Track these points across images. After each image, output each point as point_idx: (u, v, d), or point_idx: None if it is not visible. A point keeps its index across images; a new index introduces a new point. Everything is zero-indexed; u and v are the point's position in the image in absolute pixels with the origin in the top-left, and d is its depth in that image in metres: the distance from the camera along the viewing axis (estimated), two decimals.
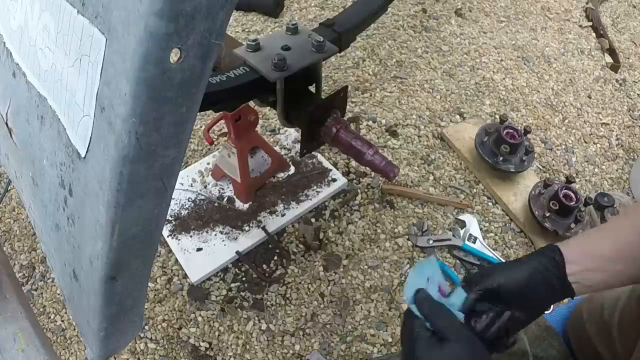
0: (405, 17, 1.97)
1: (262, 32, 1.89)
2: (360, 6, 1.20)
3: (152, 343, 1.16)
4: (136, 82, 0.36)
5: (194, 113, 0.42)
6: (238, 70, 0.93)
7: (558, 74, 1.82)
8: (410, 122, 1.61)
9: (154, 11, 0.33)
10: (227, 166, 1.31)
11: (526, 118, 1.67)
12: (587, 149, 1.61)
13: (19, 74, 0.56)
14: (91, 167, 0.44)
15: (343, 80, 1.72)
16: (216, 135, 1.54)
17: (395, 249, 1.33)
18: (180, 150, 0.43)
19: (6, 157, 0.69)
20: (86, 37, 0.41)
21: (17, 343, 0.66)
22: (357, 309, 1.22)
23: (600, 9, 2.10)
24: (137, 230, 0.46)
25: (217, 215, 1.33)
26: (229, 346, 1.16)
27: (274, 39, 0.98)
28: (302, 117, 0.97)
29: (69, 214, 0.52)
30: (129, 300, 0.54)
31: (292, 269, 1.27)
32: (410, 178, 1.47)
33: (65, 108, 0.47)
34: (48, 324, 1.20)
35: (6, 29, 0.58)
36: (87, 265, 0.51)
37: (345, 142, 0.97)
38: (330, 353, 1.16)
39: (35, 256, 1.32)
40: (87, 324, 0.57)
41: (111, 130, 0.40)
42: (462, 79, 1.76)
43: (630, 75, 1.86)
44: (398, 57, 1.81)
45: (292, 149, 1.50)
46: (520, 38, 1.94)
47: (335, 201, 1.40)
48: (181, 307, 1.21)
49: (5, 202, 1.42)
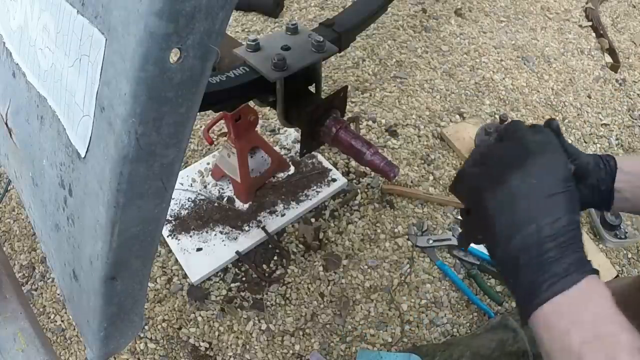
0: (405, 17, 1.97)
1: (262, 32, 1.89)
2: (360, 6, 1.19)
3: (152, 343, 1.16)
4: (136, 82, 0.36)
5: (194, 113, 0.42)
6: (238, 70, 0.93)
7: (558, 74, 1.82)
8: (410, 122, 1.61)
9: (154, 11, 0.33)
10: (227, 166, 1.31)
11: (526, 118, 1.67)
12: (587, 149, 1.61)
13: (19, 74, 0.56)
14: (91, 167, 0.44)
15: (343, 80, 1.72)
16: (216, 135, 1.54)
17: (395, 249, 1.33)
18: (180, 150, 0.43)
19: (6, 157, 0.69)
20: (86, 37, 0.41)
21: (17, 343, 0.66)
22: (357, 309, 1.22)
23: (600, 9, 2.10)
24: (137, 230, 0.46)
25: (217, 215, 1.33)
26: (228, 346, 1.16)
27: (274, 39, 0.98)
28: (302, 117, 0.97)
29: (68, 214, 0.52)
30: (128, 300, 0.54)
31: (292, 269, 1.27)
32: (410, 178, 1.47)
33: (65, 108, 0.47)
34: (48, 324, 1.20)
35: (6, 29, 0.58)
36: (87, 265, 0.51)
37: (345, 142, 0.97)
38: (330, 353, 1.16)
39: (35, 256, 1.32)
40: (87, 324, 0.57)
41: (111, 130, 0.40)
42: (462, 78, 1.76)
43: (630, 75, 1.86)
44: (398, 57, 1.81)
45: (292, 149, 1.50)
46: (520, 38, 1.94)
47: (335, 201, 1.40)
48: (181, 307, 1.21)
49: (5, 202, 1.42)
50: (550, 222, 0.49)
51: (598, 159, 0.66)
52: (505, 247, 0.51)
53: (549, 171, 0.52)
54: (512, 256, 0.51)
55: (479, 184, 0.55)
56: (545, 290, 0.48)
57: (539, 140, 0.56)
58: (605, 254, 1.35)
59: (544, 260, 0.49)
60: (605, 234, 1.37)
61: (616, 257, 1.37)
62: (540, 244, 0.49)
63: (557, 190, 0.51)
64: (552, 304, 0.48)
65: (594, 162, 0.65)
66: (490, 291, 1.24)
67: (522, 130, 0.58)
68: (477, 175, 0.57)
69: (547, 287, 0.48)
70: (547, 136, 0.57)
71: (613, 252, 1.38)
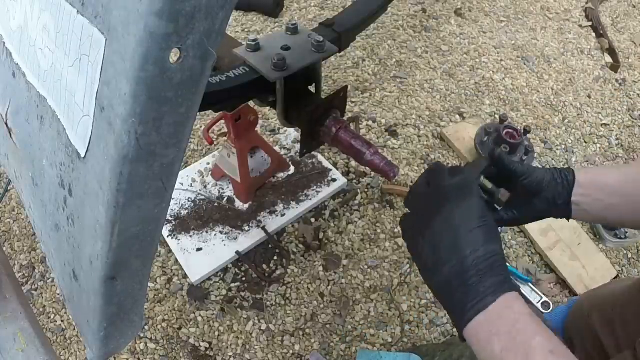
0: (405, 17, 1.97)
1: (262, 32, 1.89)
2: (360, 6, 1.19)
3: (152, 343, 1.16)
4: (136, 82, 0.36)
5: (194, 113, 0.42)
6: (238, 70, 0.93)
7: (558, 74, 1.82)
8: (410, 122, 1.61)
9: (154, 11, 0.33)
10: (227, 166, 1.31)
11: (526, 118, 1.67)
12: (587, 149, 1.61)
13: (19, 74, 0.56)
14: (91, 167, 0.44)
15: (343, 80, 1.72)
16: (216, 135, 1.54)
17: (395, 249, 1.33)
18: (180, 150, 0.43)
19: (6, 157, 0.68)
20: (86, 37, 0.41)
21: (17, 343, 0.66)
22: (357, 309, 1.22)
23: (600, 9, 2.10)
24: (137, 230, 0.46)
25: (217, 215, 1.33)
26: (228, 346, 1.16)
27: (274, 39, 0.98)
28: (302, 117, 0.97)
29: (68, 214, 0.52)
30: (128, 300, 0.54)
31: (292, 269, 1.27)
32: (410, 178, 1.46)
33: (65, 108, 0.47)
34: (48, 324, 1.20)
35: (6, 29, 0.58)
36: (87, 265, 0.51)
37: (345, 142, 0.97)
38: (330, 353, 1.16)
39: (35, 256, 1.32)
40: (87, 324, 0.57)
41: (111, 130, 0.40)
42: (462, 78, 1.76)
43: (630, 75, 1.86)
44: (398, 57, 1.81)
45: (292, 149, 1.50)
46: (520, 38, 1.94)
47: (335, 201, 1.40)
48: (181, 307, 1.21)
49: (5, 202, 1.42)
50: (469, 253, 0.58)
51: (557, 174, 0.72)
52: (438, 277, 0.61)
53: (465, 211, 0.61)
54: (444, 283, 0.60)
55: (413, 231, 0.67)
56: (470, 309, 0.57)
57: (455, 184, 0.65)
58: (605, 254, 1.35)
59: (469, 285, 0.57)
60: (605, 234, 1.37)
61: (616, 257, 1.37)
62: (465, 271, 0.58)
63: (474, 226, 0.60)
64: (477, 320, 0.56)
65: (550, 177, 0.72)
66: None
67: (442, 175, 0.67)
68: (410, 222, 0.68)
69: (471, 306, 0.57)
70: (463, 179, 0.65)
71: (613, 252, 1.38)
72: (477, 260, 0.58)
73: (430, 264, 0.62)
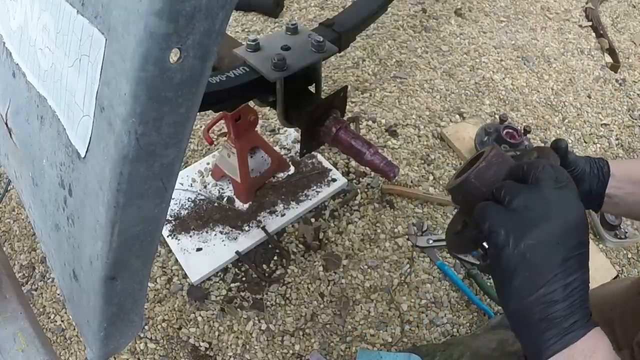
0: (405, 17, 1.97)
1: (262, 32, 1.89)
2: (360, 6, 1.19)
3: (152, 343, 1.16)
4: (136, 82, 0.36)
5: (194, 113, 0.42)
6: (238, 70, 0.93)
7: (558, 74, 1.82)
8: (410, 122, 1.61)
9: (154, 11, 0.33)
10: (227, 166, 1.31)
11: (526, 118, 1.67)
12: (587, 149, 1.61)
13: (19, 74, 0.56)
14: (91, 167, 0.44)
15: (343, 80, 1.72)
16: (216, 135, 1.54)
17: (395, 249, 1.33)
18: (180, 150, 0.43)
19: (6, 157, 0.68)
20: (86, 37, 0.41)
21: (17, 343, 0.66)
22: (357, 309, 1.22)
23: (600, 9, 2.10)
24: (137, 230, 0.46)
25: (217, 215, 1.33)
26: (228, 346, 1.16)
27: (274, 39, 0.98)
28: (302, 117, 0.97)
29: (68, 214, 0.52)
30: (128, 300, 0.54)
31: (292, 269, 1.27)
32: (410, 178, 1.47)
33: (65, 108, 0.47)
34: (48, 324, 1.20)
35: (6, 29, 0.58)
36: (87, 265, 0.51)
37: (345, 142, 0.97)
38: (330, 353, 1.16)
39: (35, 256, 1.31)
40: (87, 324, 0.57)
41: (111, 130, 0.40)
42: (462, 78, 1.76)
43: (630, 75, 1.86)
44: (398, 57, 1.81)
45: (292, 149, 1.50)
46: (520, 38, 1.94)
47: (335, 201, 1.40)
48: (181, 307, 1.21)
49: (5, 202, 1.42)
50: (563, 285, 0.52)
51: (593, 165, 0.70)
52: (518, 302, 0.54)
53: (569, 234, 0.54)
54: (525, 312, 0.54)
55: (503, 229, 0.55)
56: (554, 343, 0.52)
57: (563, 199, 0.55)
58: (605, 254, 1.35)
59: (556, 318, 0.52)
60: (605, 234, 1.37)
61: (616, 257, 1.37)
62: (553, 303, 0.53)
63: (574, 254, 0.53)
64: (562, 355, 0.52)
65: (589, 168, 0.69)
66: (490, 291, 1.23)
67: (547, 181, 0.56)
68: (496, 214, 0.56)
69: (555, 340, 0.52)
70: (570, 192, 0.56)
71: (613, 252, 1.38)
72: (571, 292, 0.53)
73: (516, 284, 0.54)
